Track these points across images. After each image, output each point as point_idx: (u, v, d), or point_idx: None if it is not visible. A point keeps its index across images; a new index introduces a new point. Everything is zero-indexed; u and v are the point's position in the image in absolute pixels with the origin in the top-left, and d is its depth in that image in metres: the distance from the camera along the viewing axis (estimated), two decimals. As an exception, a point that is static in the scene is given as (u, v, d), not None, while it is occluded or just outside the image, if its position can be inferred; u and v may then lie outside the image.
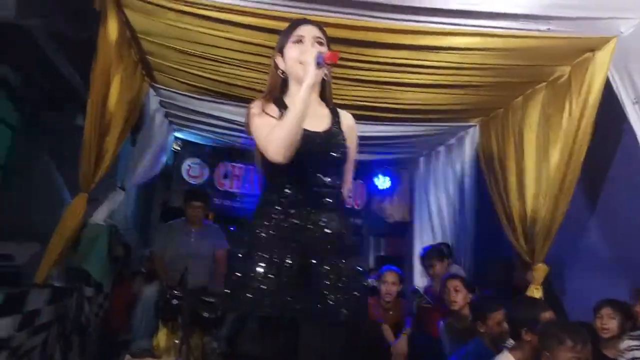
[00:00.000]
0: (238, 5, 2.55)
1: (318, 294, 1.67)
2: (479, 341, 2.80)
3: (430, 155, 5.07)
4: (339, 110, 1.91)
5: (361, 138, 4.18)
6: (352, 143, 1.89)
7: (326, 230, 1.73)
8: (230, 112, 4.00)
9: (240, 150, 5.15)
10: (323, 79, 1.83)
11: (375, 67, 3.09)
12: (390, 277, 3.90)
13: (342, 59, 2.92)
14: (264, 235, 1.72)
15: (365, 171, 5.94)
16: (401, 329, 3.72)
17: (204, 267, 3.91)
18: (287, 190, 1.74)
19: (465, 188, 4.38)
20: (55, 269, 2.74)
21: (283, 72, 1.82)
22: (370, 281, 4.44)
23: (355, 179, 6.22)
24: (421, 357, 3.52)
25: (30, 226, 3.83)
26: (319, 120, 1.80)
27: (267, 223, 1.73)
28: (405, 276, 4.42)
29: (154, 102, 3.99)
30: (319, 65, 1.63)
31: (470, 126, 4.20)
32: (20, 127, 4.25)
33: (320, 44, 1.79)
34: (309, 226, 1.72)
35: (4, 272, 3.08)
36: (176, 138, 5.18)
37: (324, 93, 1.89)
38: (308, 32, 1.79)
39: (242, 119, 4.22)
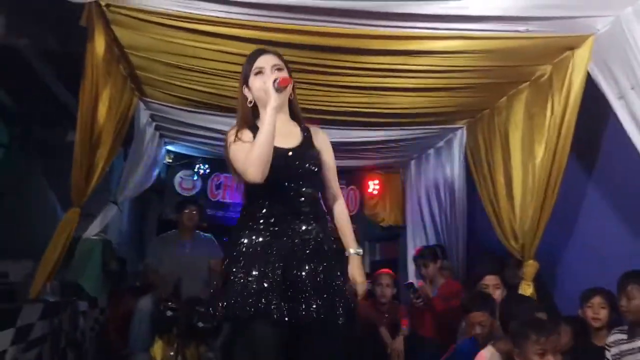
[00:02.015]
0: (224, 18, 2.60)
1: (301, 299, 1.78)
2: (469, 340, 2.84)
3: (420, 158, 5.13)
4: (310, 127, 2.07)
5: (351, 144, 4.33)
6: (327, 154, 2.05)
7: (305, 237, 1.86)
8: (220, 123, 4.03)
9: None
10: (290, 100, 2.00)
11: (361, 73, 3.15)
12: (384, 279, 3.93)
13: (329, 66, 3.04)
14: (246, 245, 1.84)
15: (357, 177, 5.98)
16: (398, 331, 3.75)
17: (199, 277, 3.92)
18: (266, 202, 1.88)
19: (455, 189, 4.43)
20: (49, 284, 2.75)
21: (251, 102, 1.96)
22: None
23: (347, 185, 6.33)
24: (416, 356, 3.55)
25: (25, 244, 3.83)
26: (290, 138, 1.96)
27: (248, 234, 1.86)
28: (399, 278, 4.47)
29: (144, 115, 4.02)
30: (277, 90, 1.79)
31: (457, 128, 4.26)
32: (12, 146, 4.27)
33: (279, 70, 1.93)
34: (289, 234, 1.85)
35: (-1, 290, 3.09)
36: (168, 151, 5.21)
37: (293, 113, 2.04)
38: (266, 62, 1.93)
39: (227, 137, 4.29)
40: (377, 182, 5.97)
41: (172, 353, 3.37)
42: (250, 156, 1.76)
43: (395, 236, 6.11)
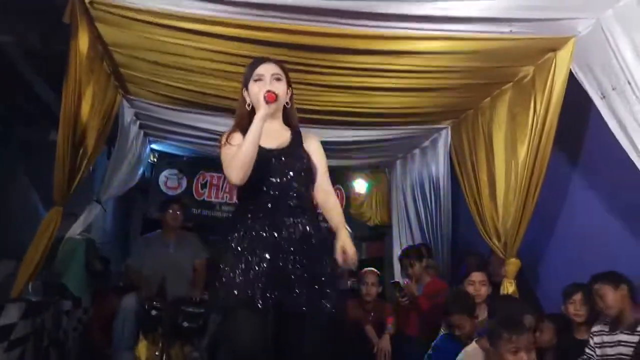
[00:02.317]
0: (208, 16, 2.59)
1: (288, 289, 1.86)
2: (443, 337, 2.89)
3: (406, 157, 5.17)
4: (303, 132, 2.17)
5: (337, 143, 4.34)
6: (317, 156, 2.13)
7: (292, 229, 1.94)
8: (205, 121, 4.03)
9: (217, 159, 5.15)
10: (285, 108, 2.11)
11: (346, 73, 3.16)
12: (369, 278, 3.94)
13: (314, 65, 3.05)
14: (236, 240, 1.92)
15: (342, 176, 5.99)
16: (383, 329, 3.77)
17: (183, 277, 3.89)
18: (255, 199, 1.97)
19: (440, 188, 4.47)
20: (31, 283, 2.72)
21: (249, 105, 2.06)
22: (350, 283, 4.48)
23: (333, 184, 6.31)
24: (402, 355, 3.57)
25: (7, 243, 3.78)
26: (279, 140, 2.07)
27: (239, 229, 1.95)
28: (385, 278, 4.49)
29: (128, 114, 3.99)
30: (266, 102, 1.92)
31: (442, 128, 4.30)
32: (-7, 144, 4.21)
33: (278, 79, 2.03)
34: (277, 227, 1.93)
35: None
36: (152, 150, 5.17)
37: (287, 119, 2.15)
38: (267, 70, 2.04)
39: (216, 128, 4.29)
40: (363, 181, 5.99)
41: (157, 353, 3.35)
42: (233, 160, 1.88)
43: (381, 235, 6.14)
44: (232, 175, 1.88)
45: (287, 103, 2.10)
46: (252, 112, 2.01)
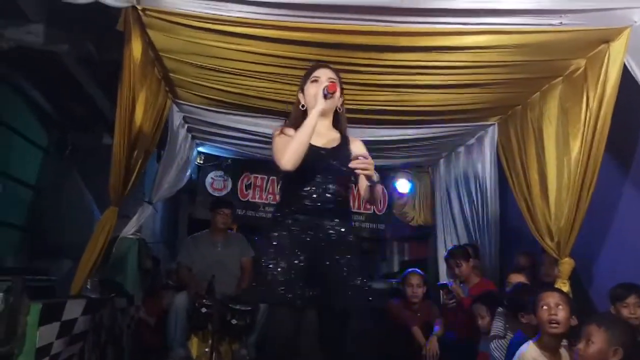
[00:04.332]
0: (252, 19, 2.64)
1: (324, 286, 1.97)
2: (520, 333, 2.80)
3: (450, 156, 5.08)
4: (350, 137, 2.29)
5: (380, 142, 4.32)
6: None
7: (329, 232, 2.06)
8: (248, 123, 4.10)
9: (261, 161, 5.24)
10: (336, 111, 2.24)
11: (390, 71, 3.15)
12: (414, 279, 3.91)
13: (358, 64, 3.05)
14: (278, 240, 2.05)
15: (385, 176, 5.95)
16: (431, 331, 3.72)
17: (231, 275, 3.98)
18: (296, 199, 2.08)
19: (487, 188, 4.37)
20: (89, 281, 2.84)
21: (303, 106, 2.19)
22: (395, 284, 4.44)
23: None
24: (451, 357, 3.51)
25: (63, 243, 3.98)
26: (328, 140, 2.19)
27: (279, 228, 2.07)
28: (429, 279, 4.43)
29: (177, 118, 4.11)
30: (325, 96, 2.05)
31: (489, 125, 4.20)
32: (50, 149, 4.42)
33: (333, 82, 2.13)
34: (314, 229, 2.05)
35: (40, 287, 3.20)
36: (199, 152, 5.31)
37: (337, 123, 2.27)
38: (323, 74, 2.18)
39: (259, 130, 4.37)
40: (405, 181, 5.93)
41: (206, 349, 3.43)
42: (287, 147, 2.00)
43: (425, 236, 6.06)
44: (283, 159, 1.98)
45: (338, 108, 2.22)
46: (305, 113, 2.12)
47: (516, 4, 2.48)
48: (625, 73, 2.69)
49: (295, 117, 2.20)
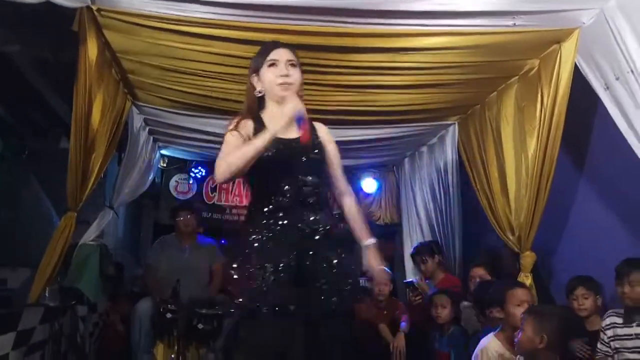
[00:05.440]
0: (213, 19, 2.62)
1: (313, 287, 1.82)
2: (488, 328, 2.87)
3: (414, 155, 5.16)
4: (313, 123, 2.08)
5: (344, 142, 4.34)
6: (330, 145, 2.08)
7: (314, 226, 1.87)
8: (213, 125, 4.05)
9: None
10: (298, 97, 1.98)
11: (352, 71, 3.18)
12: (381, 277, 3.94)
13: (320, 65, 3.06)
14: (257, 240, 1.85)
15: (351, 176, 5.99)
16: (397, 328, 3.77)
17: (198, 281, 3.90)
18: (272, 196, 1.88)
19: (449, 185, 4.46)
20: (48, 289, 2.76)
21: (260, 92, 1.98)
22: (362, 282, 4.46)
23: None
24: (417, 353, 3.57)
25: (21, 252, 3.85)
26: (292, 129, 1.93)
27: (258, 229, 1.87)
28: (396, 276, 4.49)
29: (137, 120, 4.04)
30: (298, 122, 1.84)
31: (449, 124, 4.29)
32: (5, 154, 4.28)
33: (293, 66, 1.96)
34: (298, 225, 1.86)
35: (-3, 296, 3.10)
36: (162, 155, 5.22)
37: None
38: (281, 55, 1.95)
39: (223, 131, 4.29)
40: (371, 180, 5.99)
41: (172, 355, 3.38)
42: (229, 156, 1.80)
43: (391, 234, 6.13)
44: (219, 169, 1.79)
45: (298, 92, 1.98)
46: (262, 100, 1.96)
47: (472, 6, 2.54)
48: (577, 72, 2.80)
49: (250, 104, 2.00)
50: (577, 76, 2.80)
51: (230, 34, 2.74)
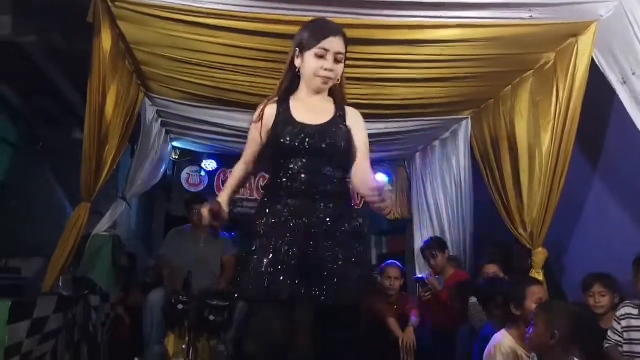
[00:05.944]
0: (227, 11, 2.62)
1: (317, 280, 1.73)
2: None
3: (426, 150, 5.12)
4: (345, 107, 1.97)
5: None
6: (358, 129, 1.95)
7: (322, 216, 1.79)
8: (225, 117, 4.06)
9: (238, 156, 5.19)
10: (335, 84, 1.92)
11: (363, 64, 3.14)
12: (392, 272, 3.94)
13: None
14: (264, 225, 1.80)
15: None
16: (407, 322, 3.76)
17: (211, 273, 3.89)
18: (285, 181, 1.82)
19: (462, 180, 4.43)
20: (62, 278, 2.79)
21: (299, 72, 1.91)
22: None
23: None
24: (427, 348, 3.56)
25: (35, 242, 3.88)
26: (319, 115, 1.89)
27: (267, 216, 1.81)
28: (407, 271, 4.47)
29: (150, 112, 4.05)
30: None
31: (462, 119, 4.25)
32: (19, 144, 4.31)
33: (339, 62, 1.87)
34: (306, 213, 1.79)
35: (11, 285, 3.12)
36: (174, 147, 5.24)
37: (333, 93, 1.97)
38: (332, 47, 1.85)
39: (235, 124, 4.27)
40: (382, 174, 5.96)
41: (183, 346, 3.40)
42: (234, 171, 2.07)
43: (402, 229, 6.12)
44: (241, 162, 2.01)
45: (337, 80, 1.92)
46: (298, 77, 1.92)
47: (487, -3, 2.52)
48: (593, 66, 2.76)
49: (285, 81, 1.94)
50: (593, 70, 2.76)
51: (243, 25, 2.73)
